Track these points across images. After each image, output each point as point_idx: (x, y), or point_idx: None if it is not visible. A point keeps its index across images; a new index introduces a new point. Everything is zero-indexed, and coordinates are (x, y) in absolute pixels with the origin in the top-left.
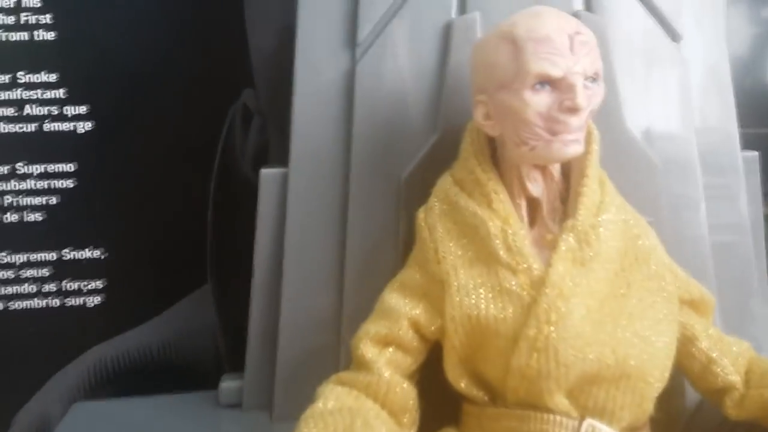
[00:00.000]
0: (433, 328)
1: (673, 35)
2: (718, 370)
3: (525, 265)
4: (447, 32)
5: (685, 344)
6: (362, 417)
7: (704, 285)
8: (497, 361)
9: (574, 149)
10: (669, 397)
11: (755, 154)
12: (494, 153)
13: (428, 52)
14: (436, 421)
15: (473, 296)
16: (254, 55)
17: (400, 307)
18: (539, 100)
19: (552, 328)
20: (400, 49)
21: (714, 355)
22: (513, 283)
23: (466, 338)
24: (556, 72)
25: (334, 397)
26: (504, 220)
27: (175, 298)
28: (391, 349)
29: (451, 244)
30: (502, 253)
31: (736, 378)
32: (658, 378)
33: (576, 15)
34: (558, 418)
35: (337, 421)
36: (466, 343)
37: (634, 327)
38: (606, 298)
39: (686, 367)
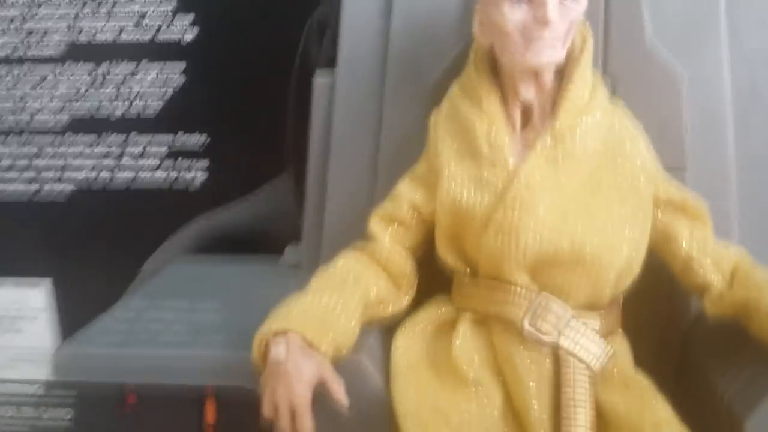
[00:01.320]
0: (429, 210)
1: None
2: (698, 267)
3: (502, 160)
4: None
5: (668, 242)
6: (356, 273)
7: (725, 204)
8: (473, 240)
9: (548, 56)
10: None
11: None
12: (495, 62)
13: None
14: (434, 290)
15: (458, 185)
16: None
17: (405, 192)
18: (516, 13)
19: (516, 214)
20: None
21: (693, 253)
22: (491, 174)
23: (451, 220)
24: None
25: (344, 258)
26: (490, 119)
27: (262, 182)
28: (395, 225)
29: (448, 141)
30: (484, 148)
31: (715, 277)
32: (613, 265)
33: None
34: (519, 289)
35: (339, 273)
36: (451, 225)
37: (596, 220)
38: (575, 192)
39: (670, 264)
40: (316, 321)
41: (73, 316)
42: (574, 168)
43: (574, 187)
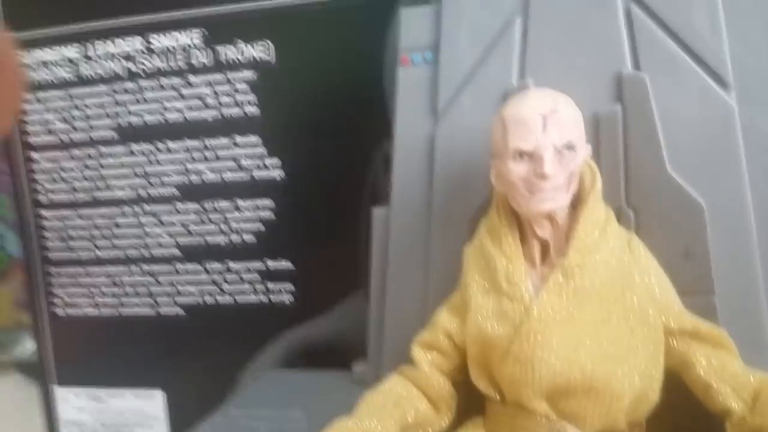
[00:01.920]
0: (462, 338)
1: (722, 84)
2: (716, 395)
3: (519, 295)
4: (506, 97)
5: (686, 370)
6: (396, 397)
7: (757, 325)
8: (497, 368)
9: (549, 206)
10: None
11: None
12: None
13: (490, 116)
14: (473, 413)
15: (483, 317)
16: (392, 111)
17: (442, 321)
18: (519, 168)
19: (530, 346)
20: (468, 114)
21: (711, 381)
22: (509, 308)
23: (479, 349)
24: (527, 147)
25: (389, 382)
26: (509, 258)
27: (341, 299)
28: (434, 353)
29: (476, 275)
30: (504, 284)
31: (734, 403)
32: (624, 393)
33: (620, 75)
34: (539, 417)
35: (381, 398)
36: (479, 353)
37: (606, 350)
38: (586, 324)
39: (693, 390)
40: None
41: (183, 423)
42: (585, 302)
43: (585, 320)
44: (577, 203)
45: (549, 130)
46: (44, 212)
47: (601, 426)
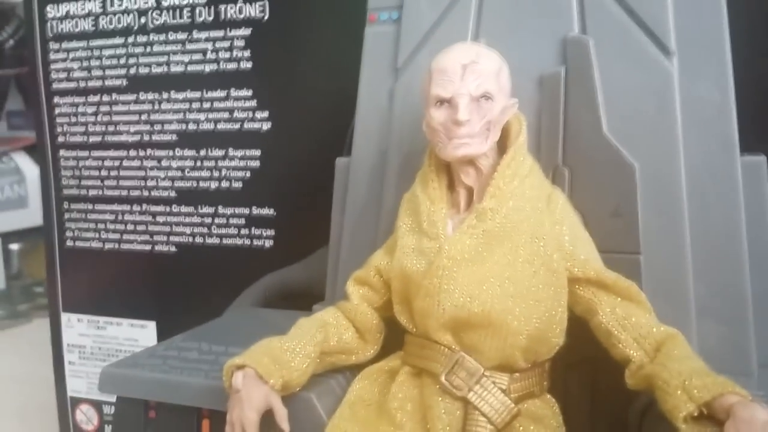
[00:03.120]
0: (389, 275)
1: (665, 51)
2: (616, 342)
3: (436, 234)
4: None
5: (591, 317)
6: (324, 322)
7: (682, 285)
8: (412, 302)
9: (464, 151)
10: None
11: (761, 158)
12: None
13: None
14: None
15: (405, 255)
16: None
17: (375, 259)
18: (439, 114)
19: (438, 281)
20: (424, 71)
21: (613, 329)
22: (427, 246)
23: (400, 284)
24: (445, 93)
25: (322, 312)
26: (432, 201)
27: (316, 248)
28: (365, 288)
29: (406, 218)
30: (425, 224)
31: (634, 352)
32: (522, 331)
33: (565, 39)
34: (442, 348)
35: (310, 323)
36: (401, 288)
37: (507, 288)
38: (493, 264)
39: (597, 337)
40: (271, 359)
41: None
42: (494, 243)
43: (492, 260)
44: (502, 154)
45: (467, 79)
46: (63, 152)
47: (498, 360)
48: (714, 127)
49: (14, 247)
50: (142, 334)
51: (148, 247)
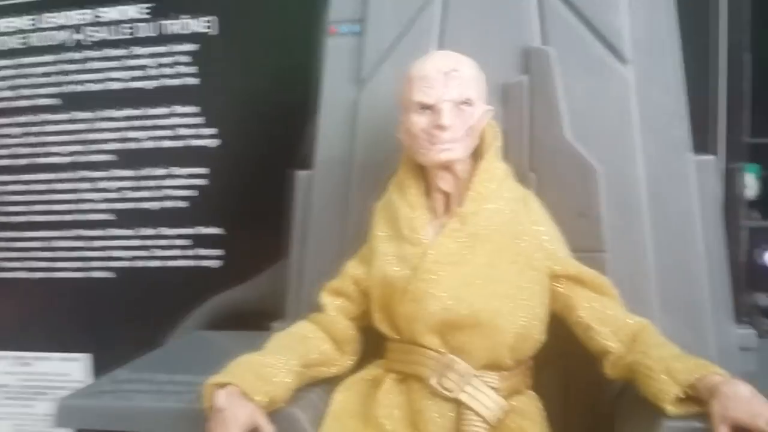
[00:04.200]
0: (367, 284)
1: (621, 59)
2: (595, 335)
3: (418, 240)
4: None
5: (569, 313)
6: (302, 336)
7: (644, 281)
8: (396, 308)
9: (446, 155)
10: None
11: (710, 158)
12: None
13: None
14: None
15: (386, 262)
16: None
17: (350, 269)
18: (421, 120)
19: (424, 285)
20: (389, 83)
21: (592, 323)
22: (410, 252)
23: (381, 292)
24: (428, 100)
25: (297, 326)
26: (412, 207)
27: (268, 266)
28: (341, 299)
29: (383, 225)
30: (406, 231)
31: (612, 344)
32: (509, 330)
33: (527, 50)
34: (429, 352)
35: (287, 337)
36: (381, 296)
37: (494, 289)
38: (478, 266)
39: (575, 332)
40: (254, 376)
41: None
42: (478, 246)
43: (477, 262)
44: (477, 160)
45: (449, 85)
46: None
47: (487, 360)
48: (668, 130)
49: None
50: (74, 368)
51: (81, 274)
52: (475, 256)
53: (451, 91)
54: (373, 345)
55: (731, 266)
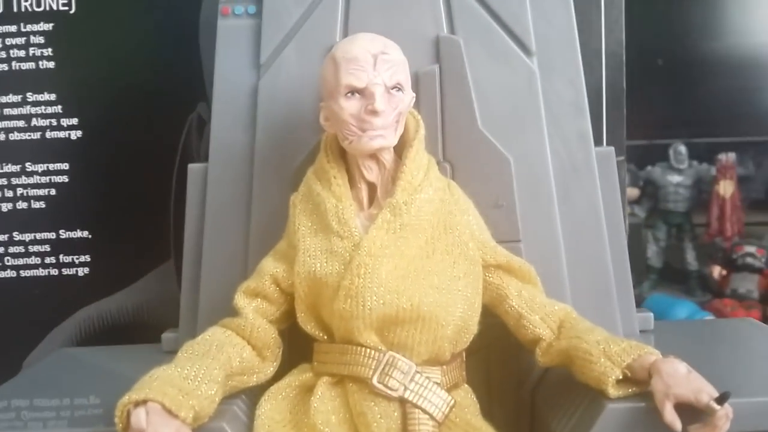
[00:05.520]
0: (289, 283)
1: (526, 51)
2: (527, 324)
3: (349, 233)
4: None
5: (500, 302)
6: (219, 342)
7: (557, 267)
8: (327, 306)
9: (379, 142)
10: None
11: (610, 149)
12: (343, 149)
13: (314, 70)
14: (302, 360)
15: (312, 257)
16: (206, 75)
17: (267, 268)
18: (350, 105)
19: (360, 280)
20: (292, 67)
21: (523, 311)
22: (339, 246)
23: (308, 290)
24: (359, 83)
25: (210, 333)
26: (338, 199)
27: (146, 271)
28: (258, 300)
29: (304, 219)
30: (334, 224)
31: (543, 331)
32: (449, 322)
33: (437, 38)
34: (368, 350)
35: (202, 345)
36: (308, 294)
37: (431, 281)
38: (413, 258)
39: (506, 321)
40: (176, 390)
41: None
42: (411, 237)
43: (412, 253)
44: (401, 149)
45: (379, 68)
46: None
47: (428, 355)
48: (571, 122)
49: None
50: None
51: None
52: (409, 248)
53: (383, 74)
54: (291, 349)
55: None
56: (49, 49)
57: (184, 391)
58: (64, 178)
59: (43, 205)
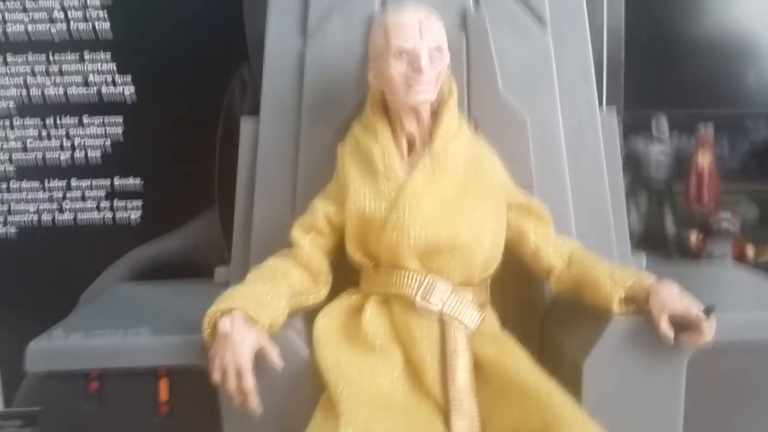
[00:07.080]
0: (339, 220)
1: (540, 22)
2: (544, 255)
3: (394, 175)
4: (370, 22)
5: (520, 237)
6: (282, 268)
7: (564, 209)
8: (375, 238)
9: (424, 96)
10: (531, 288)
11: (612, 113)
12: (387, 105)
13: (356, 37)
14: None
15: (362, 197)
16: (250, 38)
17: (320, 206)
18: (399, 64)
19: (405, 215)
20: (336, 34)
21: (540, 244)
22: (386, 186)
23: (358, 225)
24: (407, 45)
25: (272, 261)
26: (383, 146)
27: (192, 215)
28: (312, 233)
29: (353, 165)
30: (380, 167)
31: (556, 261)
32: (480, 251)
33: (464, 10)
34: (412, 273)
35: (268, 270)
36: (358, 229)
37: (465, 216)
38: (449, 197)
39: (523, 254)
40: (254, 302)
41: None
42: (448, 179)
43: (449, 193)
44: (437, 105)
45: (424, 33)
46: None
47: (461, 278)
48: (580, 88)
49: None
50: None
51: None
52: (446, 189)
53: (427, 38)
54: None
55: None
56: (105, 11)
57: (261, 303)
58: (118, 130)
59: (99, 155)
